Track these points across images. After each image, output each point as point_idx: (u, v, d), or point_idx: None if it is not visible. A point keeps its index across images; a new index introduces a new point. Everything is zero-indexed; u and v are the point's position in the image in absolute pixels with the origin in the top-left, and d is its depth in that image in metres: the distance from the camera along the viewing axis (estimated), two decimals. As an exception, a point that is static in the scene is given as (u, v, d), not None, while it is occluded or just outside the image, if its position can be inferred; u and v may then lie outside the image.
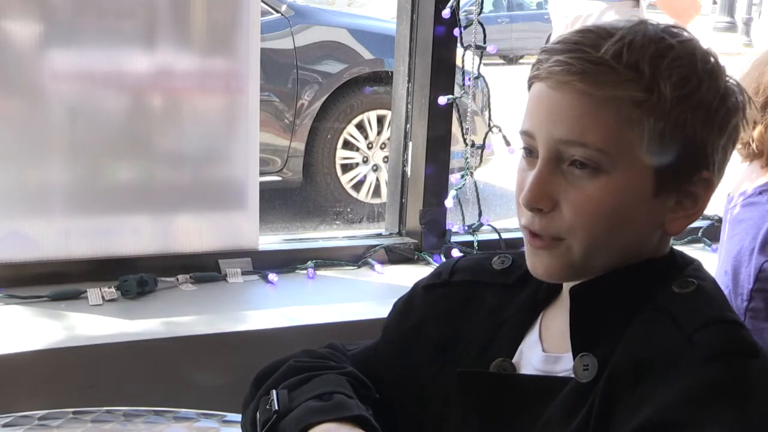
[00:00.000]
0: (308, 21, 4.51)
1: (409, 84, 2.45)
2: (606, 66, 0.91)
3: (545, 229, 0.96)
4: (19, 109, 2.09)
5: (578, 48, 0.93)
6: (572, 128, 0.93)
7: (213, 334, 1.96)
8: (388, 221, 2.56)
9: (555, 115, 0.94)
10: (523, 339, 1.04)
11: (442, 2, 2.33)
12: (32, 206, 2.12)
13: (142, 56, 2.15)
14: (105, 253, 2.16)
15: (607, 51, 0.92)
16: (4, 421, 1.28)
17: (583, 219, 0.94)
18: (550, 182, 0.95)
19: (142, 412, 1.32)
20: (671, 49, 0.93)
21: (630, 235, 0.96)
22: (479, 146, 2.47)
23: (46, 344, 1.85)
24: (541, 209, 0.95)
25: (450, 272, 1.14)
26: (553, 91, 0.94)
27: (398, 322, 1.16)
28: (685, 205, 0.97)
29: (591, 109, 0.92)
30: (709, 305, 0.94)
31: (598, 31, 0.95)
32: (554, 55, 0.94)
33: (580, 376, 0.94)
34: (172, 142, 2.22)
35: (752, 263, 1.59)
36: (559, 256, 0.96)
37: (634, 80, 0.91)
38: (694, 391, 0.85)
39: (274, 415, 1.03)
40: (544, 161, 0.95)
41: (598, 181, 0.93)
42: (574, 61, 0.92)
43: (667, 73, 0.92)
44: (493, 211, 4.52)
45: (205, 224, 2.26)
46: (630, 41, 0.92)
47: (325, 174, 4.37)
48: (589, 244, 0.95)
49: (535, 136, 0.96)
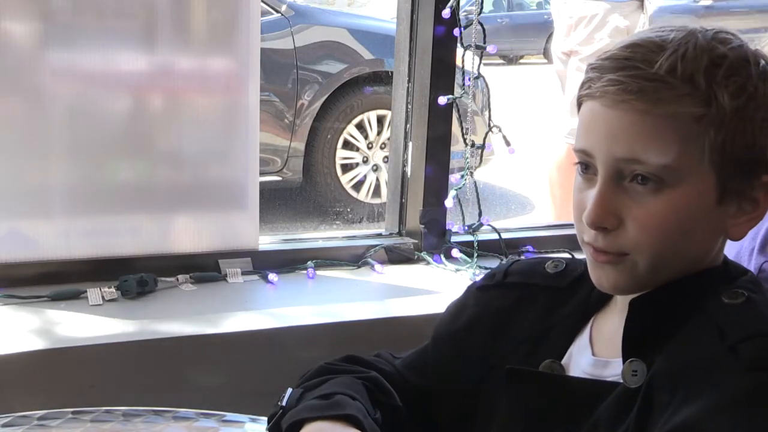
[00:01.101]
0: (308, 21, 4.51)
1: (409, 84, 2.45)
2: (662, 82, 0.91)
3: (610, 246, 0.95)
4: (19, 109, 2.09)
5: (631, 65, 0.92)
6: (633, 147, 0.92)
7: (213, 334, 1.96)
8: (388, 221, 2.56)
9: (614, 134, 0.93)
10: (573, 342, 1.04)
11: (442, 2, 2.33)
12: (32, 206, 2.12)
13: (142, 56, 2.15)
14: (105, 253, 2.16)
15: (661, 66, 0.91)
16: (3, 421, 1.28)
17: (648, 236, 0.94)
18: (612, 200, 0.94)
19: (141, 412, 1.32)
20: (725, 57, 0.93)
21: (695, 245, 0.96)
22: (479, 146, 2.47)
23: (46, 344, 1.85)
24: (606, 228, 0.95)
25: (504, 274, 1.15)
26: (609, 110, 0.93)
27: (450, 323, 1.16)
28: (746, 209, 0.96)
29: (651, 126, 0.91)
30: (757, 317, 0.93)
31: (648, 44, 0.94)
32: (606, 73, 0.93)
33: (629, 381, 0.94)
34: (172, 142, 2.22)
35: (752, 263, 1.59)
36: (624, 270, 0.96)
37: (692, 94, 0.91)
38: (730, 401, 0.85)
39: (279, 411, 1.05)
40: (604, 179, 0.95)
41: (662, 196, 0.93)
42: (628, 80, 0.91)
43: (724, 84, 0.91)
44: (493, 211, 4.53)
45: (205, 224, 2.26)
46: (683, 54, 0.91)
47: (325, 174, 4.37)
48: (655, 259, 0.95)
49: (594, 154, 0.96)
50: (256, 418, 1.33)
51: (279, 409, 1.06)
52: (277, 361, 1.94)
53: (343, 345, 2.08)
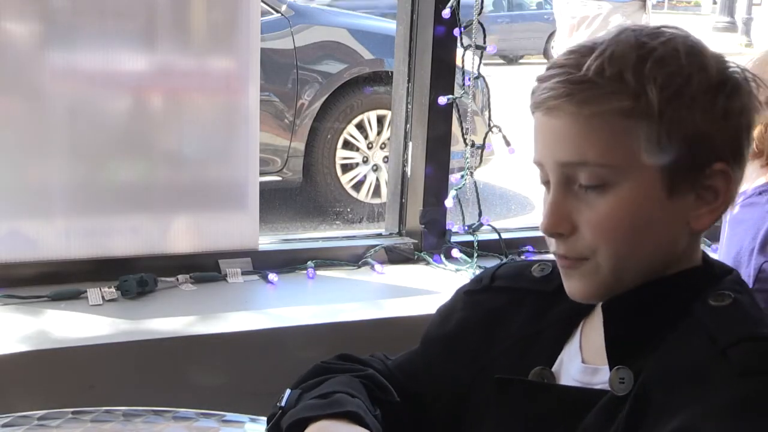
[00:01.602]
0: (308, 21, 4.50)
1: (409, 84, 2.45)
2: (590, 83, 0.92)
3: (569, 251, 0.96)
4: (19, 109, 2.09)
5: (563, 71, 0.94)
6: (571, 150, 0.94)
7: (213, 334, 1.96)
8: (388, 221, 2.56)
9: (554, 141, 0.95)
10: (564, 348, 1.04)
11: (442, 2, 2.33)
12: (32, 206, 2.12)
13: (142, 56, 2.16)
14: (105, 253, 2.16)
15: (588, 68, 0.92)
16: (3, 421, 1.28)
17: (602, 237, 0.94)
18: (564, 206, 0.95)
19: (141, 411, 1.32)
20: (653, 51, 0.93)
21: (655, 240, 0.96)
22: (479, 146, 2.47)
23: (46, 344, 1.85)
24: (561, 234, 0.96)
25: (491, 278, 1.15)
26: (547, 118, 0.95)
27: (439, 327, 1.16)
28: (706, 199, 0.96)
29: (583, 127, 0.93)
30: (745, 320, 0.93)
31: (581, 49, 0.95)
32: (543, 82, 0.95)
33: (616, 389, 0.94)
34: (172, 142, 2.22)
35: (752, 263, 1.59)
36: (588, 274, 0.97)
37: (619, 91, 0.91)
38: (726, 406, 0.84)
39: (278, 411, 1.05)
40: (555, 187, 0.96)
41: (608, 196, 0.93)
42: (559, 85, 0.93)
43: (652, 76, 0.91)
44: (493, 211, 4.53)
45: (205, 224, 2.26)
46: (611, 54, 0.92)
47: (325, 174, 4.37)
48: (616, 260, 0.95)
49: (543, 163, 0.98)
50: (256, 418, 1.33)
51: (278, 409, 1.06)
52: (277, 361, 1.95)
53: (343, 345, 2.07)
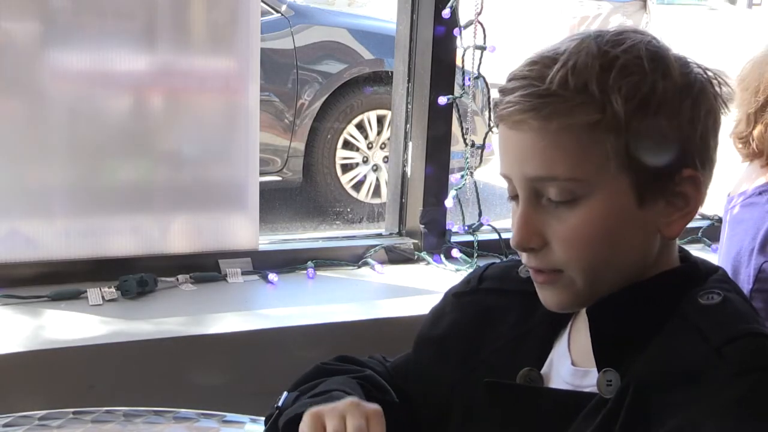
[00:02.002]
0: (308, 21, 4.50)
1: (409, 84, 2.45)
2: (555, 96, 0.90)
3: (542, 264, 0.96)
4: (19, 109, 2.09)
5: (527, 83, 0.92)
6: (539, 165, 0.93)
7: (213, 334, 1.96)
8: (388, 221, 2.56)
9: (520, 155, 0.94)
10: (552, 349, 1.04)
11: (442, 2, 2.33)
12: (32, 206, 2.12)
13: (142, 56, 2.15)
14: (105, 253, 2.16)
15: (552, 80, 0.91)
16: (4, 421, 1.28)
17: (574, 251, 0.94)
18: (534, 221, 0.94)
19: (142, 412, 1.32)
20: (616, 60, 0.91)
21: (627, 251, 0.95)
22: (479, 146, 2.47)
23: (46, 344, 1.85)
24: (533, 248, 0.95)
25: (478, 280, 1.14)
26: (512, 132, 0.94)
27: (429, 329, 1.16)
28: (677, 205, 0.95)
29: (550, 142, 0.91)
30: (737, 318, 0.92)
31: (543, 60, 0.93)
32: (506, 95, 0.94)
33: (604, 392, 0.94)
34: (172, 142, 2.22)
35: (752, 263, 1.59)
36: (563, 287, 0.96)
37: (585, 103, 0.90)
38: (725, 405, 0.84)
39: (275, 412, 1.06)
40: (523, 201, 0.95)
41: (578, 210, 0.93)
42: (523, 99, 0.92)
43: (617, 86, 0.90)
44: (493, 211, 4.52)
45: (205, 224, 2.26)
46: (573, 65, 0.91)
47: (325, 174, 4.36)
48: (589, 272, 0.94)
49: (511, 178, 0.97)
50: (256, 418, 1.33)
51: (275, 410, 1.06)
52: (277, 361, 1.95)
53: (343, 345, 2.08)
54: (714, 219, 2.71)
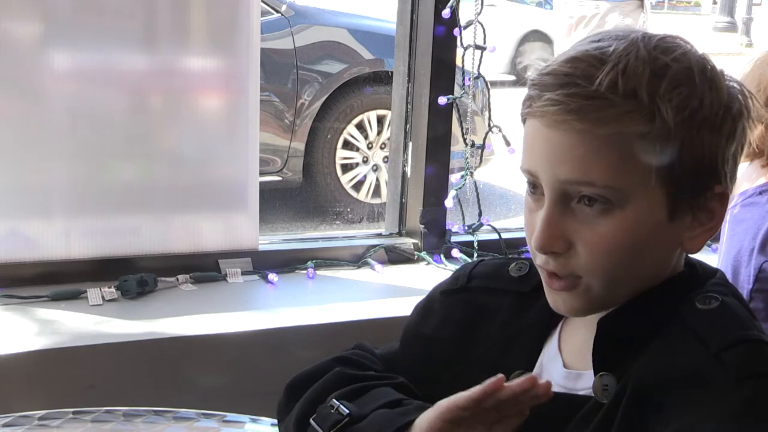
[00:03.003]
0: (308, 21, 4.50)
1: (409, 84, 2.45)
2: (603, 99, 0.87)
3: (562, 269, 0.93)
4: (19, 109, 2.09)
5: (570, 81, 0.88)
6: (577, 168, 0.89)
7: (213, 334, 1.96)
8: (388, 221, 2.56)
9: (556, 156, 0.90)
10: (543, 350, 1.02)
11: (442, 2, 2.33)
12: (32, 206, 2.12)
13: (142, 56, 2.15)
14: (105, 253, 2.16)
15: (601, 83, 0.87)
16: (3, 421, 1.28)
17: (600, 259, 0.91)
18: (560, 223, 0.91)
19: (141, 412, 1.32)
20: (667, 68, 0.89)
21: (649, 263, 0.94)
22: (479, 146, 2.47)
23: (46, 344, 1.85)
24: (555, 252, 0.92)
25: (467, 278, 1.12)
26: (550, 131, 0.90)
27: (416, 327, 1.14)
28: (701, 220, 0.94)
29: (593, 147, 0.88)
30: (735, 323, 0.91)
31: (588, 59, 0.90)
32: (546, 91, 0.89)
33: (600, 396, 0.93)
34: (172, 142, 2.22)
35: (752, 263, 1.59)
36: (579, 295, 0.94)
37: (634, 111, 0.87)
38: (727, 411, 0.83)
39: (346, 418, 1.00)
40: (551, 202, 0.91)
41: (611, 218, 0.90)
42: (568, 99, 0.88)
43: (668, 98, 0.88)
44: (493, 211, 4.52)
45: (205, 224, 2.26)
46: (624, 68, 0.88)
47: (325, 174, 4.36)
48: (609, 281, 0.93)
49: (538, 175, 0.93)
50: (257, 418, 1.33)
51: (345, 416, 0.99)
52: (277, 361, 1.94)
53: (343, 345, 2.07)
54: (714, 219, 2.70)
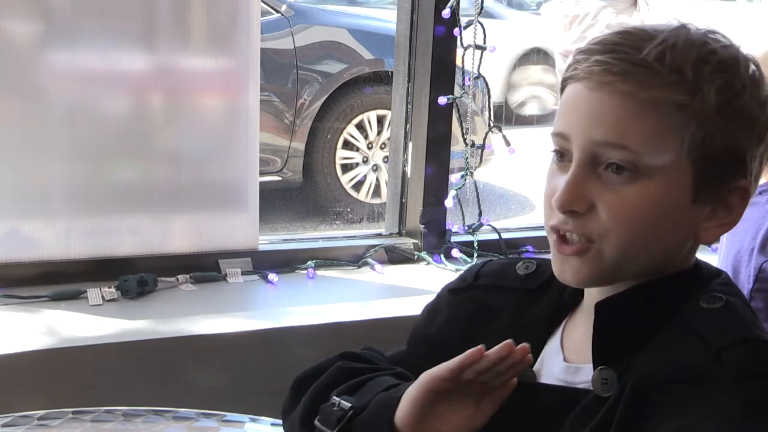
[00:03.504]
0: (308, 21, 4.50)
1: (409, 84, 2.45)
2: (648, 68, 0.89)
3: (579, 229, 0.93)
4: (19, 109, 2.09)
5: (619, 48, 0.91)
6: (613, 130, 0.90)
7: (213, 334, 1.96)
8: (388, 221, 2.56)
9: (594, 117, 0.92)
10: (545, 346, 1.03)
11: (442, 2, 2.33)
12: (32, 206, 2.12)
13: (142, 56, 2.16)
14: (105, 253, 2.16)
15: (649, 53, 0.90)
16: (3, 421, 1.28)
17: (619, 224, 0.92)
18: (585, 185, 0.92)
19: (141, 412, 1.32)
20: (714, 53, 0.91)
21: (663, 242, 0.94)
22: (479, 146, 2.47)
23: (46, 344, 1.85)
24: (575, 211, 0.93)
25: (474, 276, 1.13)
26: (592, 92, 0.92)
27: (424, 327, 1.15)
28: (719, 214, 0.95)
29: (633, 110, 0.90)
30: (738, 322, 0.92)
31: (639, 33, 0.92)
32: (593, 55, 0.92)
33: (599, 389, 0.93)
34: (172, 142, 2.22)
35: (752, 263, 1.59)
36: (589, 261, 0.94)
37: (677, 83, 0.89)
38: (726, 411, 0.84)
39: (349, 412, 1.01)
40: (579, 163, 0.92)
41: (637, 186, 0.91)
42: (615, 62, 0.90)
43: (711, 78, 0.90)
44: (493, 211, 4.52)
45: (205, 224, 2.26)
46: (673, 44, 0.90)
47: (325, 174, 4.36)
48: (622, 250, 0.93)
49: (571, 137, 0.93)
50: (256, 418, 1.33)
51: (348, 410, 1.02)
52: (277, 361, 1.94)
53: (343, 345, 2.07)
54: (714, 219, 2.70)
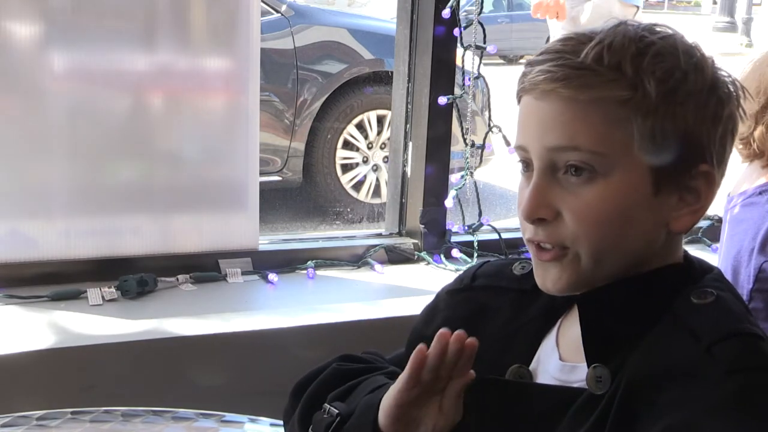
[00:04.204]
0: (308, 21, 4.51)
1: (409, 84, 2.45)
2: (588, 70, 0.91)
3: (550, 237, 0.95)
4: (19, 109, 2.09)
5: (559, 56, 0.93)
6: (563, 134, 0.93)
7: (213, 334, 1.96)
8: (388, 221, 2.56)
9: (544, 125, 0.94)
10: (540, 345, 1.03)
11: (442, 2, 2.33)
12: (32, 206, 2.12)
13: (142, 56, 2.15)
14: (105, 253, 2.16)
15: (587, 55, 0.92)
16: (2, 421, 1.28)
17: (585, 226, 0.93)
18: (548, 192, 0.94)
19: (140, 412, 1.32)
20: (652, 45, 0.93)
21: (635, 237, 0.95)
22: (479, 146, 2.47)
23: (46, 344, 1.85)
24: (543, 219, 0.95)
25: (471, 277, 1.14)
26: (539, 102, 0.94)
27: (422, 328, 1.16)
28: (688, 200, 0.96)
29: (578, 113, 0.92)
30: (728, 317, 0.92)
31: (578, 37, 0.95)
32: (536, 65, 0.94)
33: (594, 387, 0.94)
34: (172, 142, 2.22)
35: (752, 263, 1.59)
36: (567, 266, 0.95)
37: (617, 80, 0.91)
38: (717, 405, 0.84)
39: (337, 418, 1.03)
40: (539, 172, 0.95)
41: (595, 186, 0.93)
42: (556, 69, 0.92)
43: (650, 69, 0.91)
44: (493, 211, 4.52)
45: (205, 224, 2.26)
46: (610, 43, 0.92)
47: (325, 174, 4.37)
48: (596, 251, 0.94)
49: (528, 148, 0.96)
50: (256, 418, 1.33)
51: (336, 416, 1.04)
52: (277, 361, 1.94)
53: (343, 345, 2.07)
54: (714, 219, 2.70)
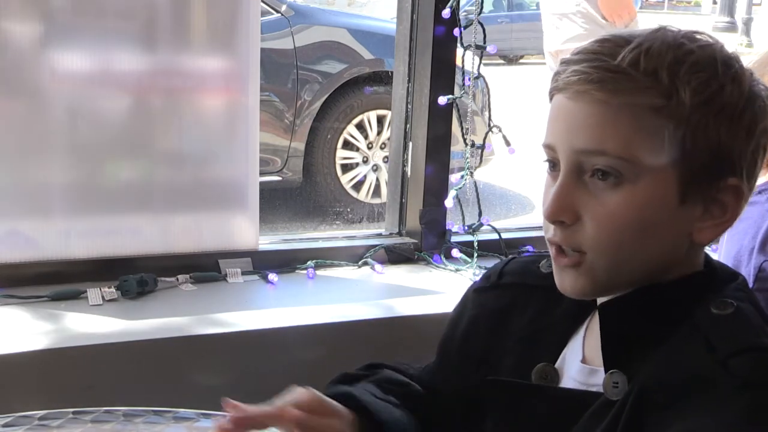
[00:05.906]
0: (308, 21, 4.51)
1: (409, 84, 2.45)
2: (623, 74, 0.90)
3: (567, 241, 0.94)
4: (19, 109, 2.09)
5: (595, 57, 0.92)
6: (591, 137, 0.92)
7: (213, 334, 1.96)
8: (388, 221, 2.56)
9: (574, 126, 0.93)
10: (567, 344, 1.03)
11: (442, 2, 2.33)
12: (32, 206, 2.12)
13: (142, 56, 2.15)
14: (105, 253, 2.16)
15: (624, 59, 0.91)
16: (3, 421, 1.27)
17: (606, 233, 0.93)
18: (572, 194, 0.93)
19: (141, 412, 1.32)
20: (690, 54, 0.92)
21: (656, 247, 0.94)
22: (479, 146, 2.47)
23: (46, 344, 1.85)
24: (563, 222, 0.94)
25: (499, 275, 1.14)
26: (571, 102, 0.93)
27: (451, 332, 1.16)
28: (713, 213, 0.94)
29: (609, 117, 0.91)
30: (747, 330, 0.91)
31: (616, 39, 0.93)
32: (571, 65, 0.93)
33: (610, 393, 0.94)
34: (172, 142, 2.22)
35: (752, 263, 1.59)
36: (584, 272, 0.95)
37: (653, 87, 0.90)
38: (729, 419, 0.83)
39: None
40: (565, 173, 0.94)
41: (620, 192, 0.92)
42: (591, 70, 0.91)
43: (686, 79, 0.90)
44: (493, 211, 4.52)
45: (205, 224, 2.26)
46: (647, 48, 0.91)
47: (325, 174, 4.37)
48: (613, 259, 0.93)
49: (556, 148, 0.95)
50: (256, 418, 1.32)
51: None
52: (277, 361, 1.95)
53: (343, 345, 2.08)
54: (714, 219, 2.70)
